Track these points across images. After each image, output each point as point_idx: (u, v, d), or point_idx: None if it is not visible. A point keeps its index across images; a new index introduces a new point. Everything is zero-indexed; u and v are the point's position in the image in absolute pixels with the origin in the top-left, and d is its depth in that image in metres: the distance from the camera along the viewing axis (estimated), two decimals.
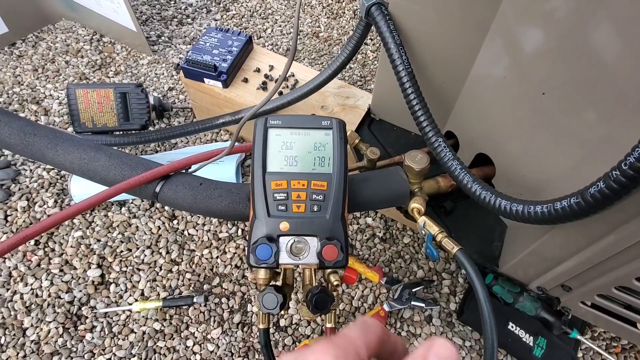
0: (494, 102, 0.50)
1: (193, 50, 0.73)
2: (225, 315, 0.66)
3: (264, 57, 0.80)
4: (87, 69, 0.95)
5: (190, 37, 1.05)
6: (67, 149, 0.50)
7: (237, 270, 0.70)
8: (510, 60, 0.45)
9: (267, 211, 0.43)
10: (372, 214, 0.78)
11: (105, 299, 0.66)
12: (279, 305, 0.41)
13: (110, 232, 0.71)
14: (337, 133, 0.46)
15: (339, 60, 0.61)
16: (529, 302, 0.62)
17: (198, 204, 0.49)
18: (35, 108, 0.87)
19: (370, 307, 0.68)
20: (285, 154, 0.45)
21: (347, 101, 0.75)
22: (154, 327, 0.64)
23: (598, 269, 0.42)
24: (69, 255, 0.69)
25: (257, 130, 0.45)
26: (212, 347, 0.63)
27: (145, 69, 0.96)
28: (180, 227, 0.73)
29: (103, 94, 0.69)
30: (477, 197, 0.44)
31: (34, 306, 0.64)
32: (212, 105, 0.79)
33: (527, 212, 0.38)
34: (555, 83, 0.41)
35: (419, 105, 0.50)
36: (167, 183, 0.49)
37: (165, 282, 0.68)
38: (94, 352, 0.62)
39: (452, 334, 0.66)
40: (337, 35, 1.09)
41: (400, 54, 0.50)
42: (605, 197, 0.30)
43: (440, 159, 0.48)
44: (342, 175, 0.45)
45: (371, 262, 0.73)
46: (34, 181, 0.76)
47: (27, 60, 0.95)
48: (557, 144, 0.44)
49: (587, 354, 0.65)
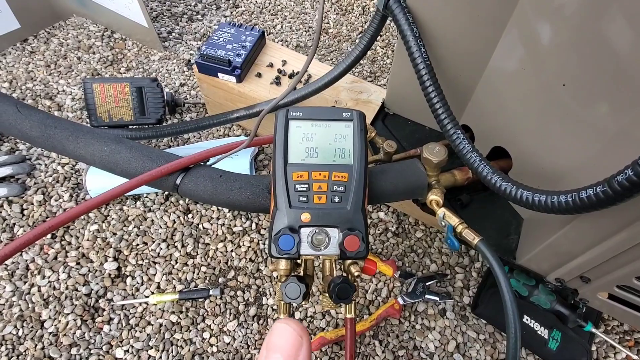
0: (511, 94, 0.51)
1: (207, 45, 0.73)
2: (241, 308, 0.66)
3: (276, 52, 0.80)
4: (99, 64, 0.95)
5: (201, 34, 1.05)
6: (88, 142, 0.51)
7: (252, 263, 0.70)
8: (528, 52, 0.45)
9: (288, 202, 0.43)
10: (385, 209, 0.78)
11: (122, 291, 0.66)
12: (301, 295, 0.42)
13: (126, 225, 0.72)
14: (357, 125, 0.46)
15: (354, 54, 0.61)
16: (544, 295, 0.63)
17: (218, 195, 0.49)
18: (49, 103, 0.87)
19: (384, 300, 0.69)
20: (306, 145, 0.45)
21: (360, 96, 0.75)
22: (171, 319, 0.64)
23: (619, 260, 0.42)
24: (86, 248, 0.69)
25: (278, 122, 0.46)
26: (229, 339, 0.64)
27: (156, 65, 0.97)
28: (195, 221, 0.73)
29: (119, 88, 0.69)
30: (497, 188, 0.44)
31: (52, 299, 0.65)
32: (225, 100, 0.79)
33: (550, 202, 0.38)
34: (572, 75, 0.41)
35: (438, 98, 0.50)
36: (187, 175, 0.50)
37: (181, 275, 0.68)
38: (112, 343, 0.62)
39: (467, 327, 0.67)
40: (346, 32, 1.09)
41: (419, 46, 0.50)
42: (633, 184, 0.30)
43: (459, 151, 0.49)
44: (363, 167, 0.45)
45: (384, 256, 0.73)
46: (49, 175, 0.77)
47: (39, 56, 0.96)
48: (575, 135, 0.44)
49: (601, 347, 0.66)
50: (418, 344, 0.65)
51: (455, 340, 0.65)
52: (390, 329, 0.66)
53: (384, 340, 0.65)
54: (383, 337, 0.66)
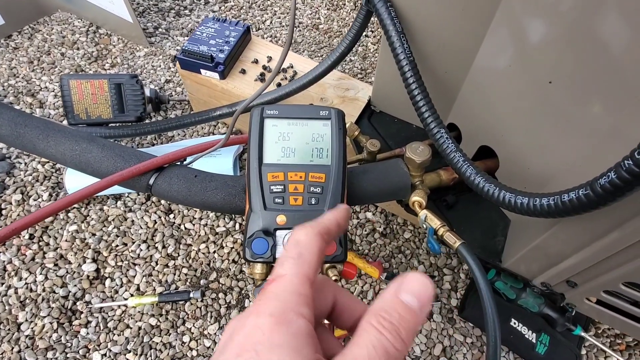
0: (498, 92, 0.49)
1: (190, 41, 0.71)
2: (223, 310, 0.65)
3: (262, 48, 0.78)
4: (83, 60, 0.93)
5: (188, 29, 1.03)
6: (58, 140, 0.49)
7: (235, 265, 0.69)
8: (515, 49, 0.44)
9: (263, 204, 0.42)
10: (372, 209, 0.76)
11: (100, 293, 0.65)
12: None
13: (106, 226, 0.70)
14: (335, 123, 0.44)
15: (339, 50, 0.59)
16: (532, 299, 0.61)
17: (193, 196, 0.48)
18: (31, 100, 0.85)
19: (370, 302, 0.67)
20: (282, 145, 0.44)
21: (347, 93, 0.73)
22: (150, 322, 0.63)
23: (605, 265, 0.41)
24: (64, 249, 0.68)
25: (253, 121, 0.44)
26: (209, 343, 0.62)
27: (142, 61, 0.95)
28: (176, 221, 0.72)
29: (97, 84, 0.67)
30: (480, 189, 0.43)
31: (29, 301, 0.63)
32: (209, 97, 0.77)
33: (532, 204, 0.36)
34: (562, 73, 0.39)
35: (421, 95, 0.48)
36: (161, 175, 0.48)
37: (161, 276, 0.67)
38: (89, 347, 0.61)
39: (453, 330, 0.65)
40: (337, 27, 1.07)
41: (402, 42, 0.48)
42: (616, 188, 0.28)
43: (442, 150, 0.47)
44: (341, 167, 0.43)
45: (371, 258, 0.72)
46: (28, 174, 0.75)
47: (22, 52, 0.94)
48: (563, 135, 0.42)
49: (591, 351, 0.64)
50: None
51: (441, 344, 0.64)
52: None
53: None
54: None
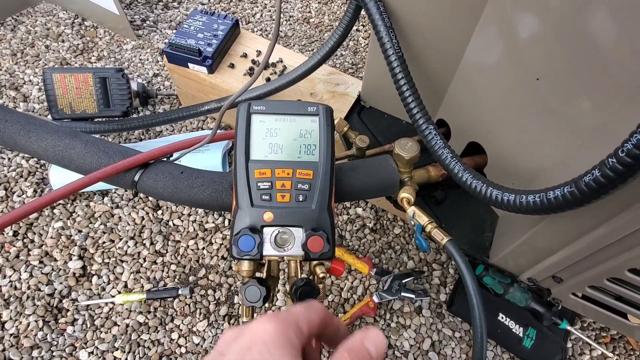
0: (487, 88, 0.49)
1: (177, 34, 0.70)
2: (212, 307, 0.64)
3: (251, 42, 0.77)
4: (68, 53, 0.91)
5: (177, 22, 1.01)
6: (40, 136, 0.48)
7: (224, 261, 0.68)
8: (504, 45, 0.43)
9: (250, 201, 0.41)
10: (363, 204, 0.76)
11: (87, 291, 0.64)
12: (262, 299, 0.40)
13: (92, 222, 0.69)
14: (323, 120, 0.44)
15: (328, 45, 0.59)
16: (520, 293, 0.62)
17: (179, 193, 0.47)
18: (14, 94, 0.83)
19: (360, 298, 0.67)
20: (269, 141, 0.43)
21: (337, 88, 0.73)
22: (138, 319, 0.62)
23: (590, 261, 0.41)
24: (49, 246, 0.66)
25: (239, 116, 0.44)
26: (198, 340, 0.62)
27: (129, 54, 0.93)
28: (164, 218, 0.71)
29: (81, 78, 0.66)
30: (468, 186, 0.43)
31: (13, 299, 0.62)
32: (197, 92, 0.76)
33: (518, 201, 0.36)
34: (550, 69, 0.39)
35: (410, 91, 0.48)
36: (146, 172, 0.47)
37: (149, 273, 0.66)
38: (75, 345, 0.60)
39: (442, 325, 0.66)
40: (329, 21, 1.07)
41: (390, 37, 0.48)
42: (600, 185, 0.28)
43: (431, 147, 0.47)
44: (329, 164, 0.43)
45: (361, 253, 0.72)
46: (12, 170, 0.73)
47: (5, 44, 0.91)
48: (551, 132, 0.42)
49: (577, 344, 0.65)
50: (393, 342, 0.64)
51: (430, 339, 0.64)
52: (365, 328, 0.65)
53: None
54: None
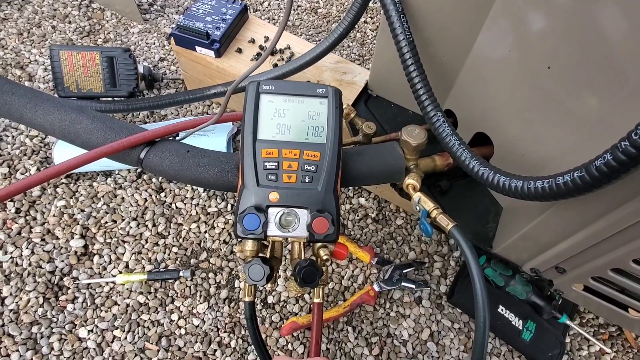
0: (495, 79, 0.48)
1: (185, 17, 0.70)
2: (212, 290, 0.64)
3: (259, 27, 0.77)
4: (74, 35, 0.91)
5: (184, 7, 1.01)
6: (47, 110, 0.48)
7: (225, 245, 0.68)
8: (514, 37, 0.43)
9: (256, 180, 0.41)
10: (366, 194, 0.76)
11: (88, 270, 0.64)
12: (265, 277, 0.40)
13: (95, 202, 0.69)
14: (332, 102, 0.44)
15: (337, 31, 0.58)
16: (520, 286, 0.62)
17: (185, 171, 0.47)
18: (19, 73, 0.83)
19: (360, 286, 0.67)
20: (277, 121, 0.43)
21: (344, 77, 0.72)
22: (138, 299, 0.62)
23: (594, 251, 0.41)
24: (51, 224, 0.66)
25: (248, 95, 0.43)
26: (198, 322, 0.62)
27: (135, 38, 0.93)
28: (167, 200, 0.71)
29: (89, 57, 0.66)
30: (475, 173, 0.42)
31: (14, 275, 0.62)
32: (204, 76, 0.76)
33: (527, 188, 0.36)
34: (559, 60, 0.39)
35: (419, 78, 0.48)
36: (152, 149, 0.47)
37: (150, 255, 0.66)
38: (75, 323, 0.60)
39: (442, 315, 0.66)
40: (336, 12, 1.06)
41: (402, 22, 0.47)
42: (611, 169, 0.28)
43: (439, 134, 0.47)
44: (336, 146, 0.43)
45: (362, 243, 0.72)
46: (16, 148, 0.73)
47: (12, 23, 0.91)
48: (558, 122, 0.42)
49: (575, 340, 0.65)
50: (392, 331, 0.64)
51: (429, 329, 0.65)
52: (365, 316, 0.65)
53: (357, 326, 0.64)
54: (357, 323, 0.65)
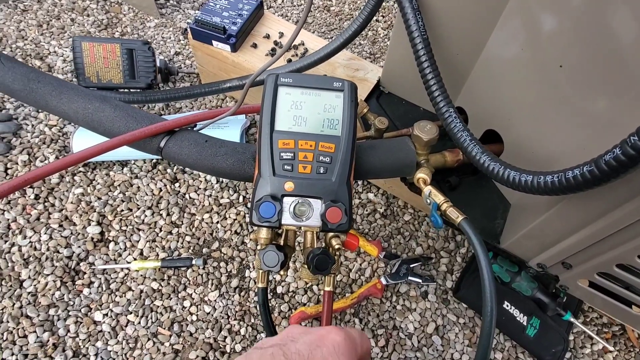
0: (507, 77, 0.49)
1: (203, 11, 0.71)
2: (223, 279, 0.66)
3: (274, 23, 0.78)
4: (92, 27, 0.93)
5: (200, 2, 1.02)
6: (71, 98, 0.50)
7: (237, 236, 0.70)
8: (526, 36, 0.44)
9: (272, 170, 0.43)
10: (374, 190, 0.77)
11: (104, 256, 0.66)
12: (279, 264, 0.41)
13: (112, 190, 0.71)
14: (348, 96, 0.45)
15: (352, 28, 0.60)
16: (526, 282, 0.63)
17: (203, 160, 0.49)
18: (39, 64, 0.85)
19: (368, 280, 0.69)
20: (294, 113, 0.45)
21: (356, 73, 0.73)
22: (152, 286, 0.64)
23: (601, 246, 0.42)
24: (69, 211, 0.68)
25: (267, 88, 0.45)
26: (209, 309, 0.63)
27: (152, 32, 0.94)
28: (181, 190, 0.72)
29: (109, 48, 0.67)
30: (485, 168, 0.43)
31: (32, 259, 0.64)
32: (219, 70, 0.77)
33: (536, 182, 0.37)
34: (571, 59, 0.40)
35: (432, 74, 0.49)
36: (172, 138, 0.49)
37: (164, 243, 0.68)
38: (91, 306, 0.62)
39: (447, 310, 0.67)
40: (349, 10, 1.07)
41: (417, 19, 0.49)
42: (621, 164, 0.29)
43: (450, 129, 0.48)
44: (351, 139, 0.44)
45: (371, 237, 0.73)
46: (35, 136, 0.75)
47: (31, 15, 0.93)
48: (569, 121, 0.43)
49: (579, 337, 0.66)
50: (398, 324, 0.65)
51: (435, 323, 0.66)
52: (371, 308, 0.66)
53: (364, 318, 0.66)
54: (364, 315, 0.66)
